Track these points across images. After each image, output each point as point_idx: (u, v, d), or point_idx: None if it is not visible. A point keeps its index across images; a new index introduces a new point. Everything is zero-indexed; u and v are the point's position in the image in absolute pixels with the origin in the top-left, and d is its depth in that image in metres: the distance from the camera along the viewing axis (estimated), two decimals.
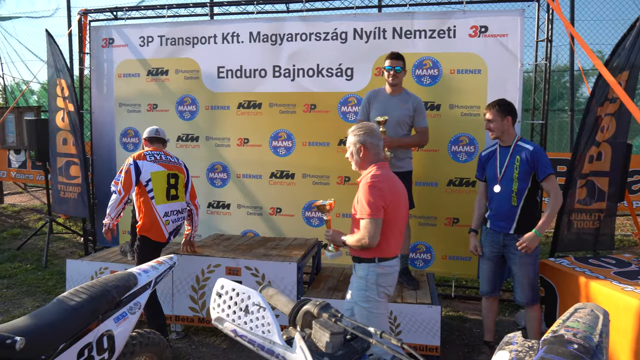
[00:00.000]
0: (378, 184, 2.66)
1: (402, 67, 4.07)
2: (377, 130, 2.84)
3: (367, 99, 4.24)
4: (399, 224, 2.77)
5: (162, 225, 3.83)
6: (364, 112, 4.24)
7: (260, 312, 1.09)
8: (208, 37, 5.33)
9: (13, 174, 8.98)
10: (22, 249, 6.74)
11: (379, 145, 2.82)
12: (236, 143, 5.36)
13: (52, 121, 5.59)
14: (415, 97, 4.18)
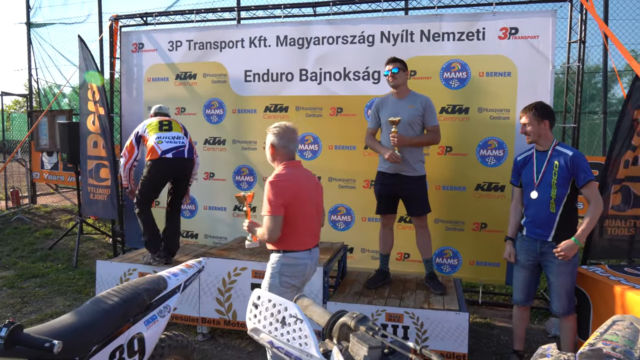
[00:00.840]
0: (278, 183, 2.86)
1: (400, 68, 4.03)
2: (290, 133, 3.00)
3: (375, 106, 4.23)
4: (307, 219, 2.96)
5: (155, 145, 4.42)
6: (374, 120, 4.22)
7: (297, 324, 1.08)
8: (235, 41, 5.37)
9: (46, 175, 9.22)
10: (54, 248, 6.91)
11: (289, 146, 2.98)
12: (262, 146, 5.28)
13: (83, 124, 5.72)
14: (423, 96, 4.12)
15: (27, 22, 9.06)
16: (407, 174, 4.02)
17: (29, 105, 9.54)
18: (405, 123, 3.97)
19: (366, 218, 5.18)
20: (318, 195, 3.09)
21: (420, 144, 4.07)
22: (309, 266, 3.04)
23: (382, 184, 4.14)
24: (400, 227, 5.05)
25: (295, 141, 3.02)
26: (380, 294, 4.06)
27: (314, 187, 3.06)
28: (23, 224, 8.19)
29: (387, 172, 4.08)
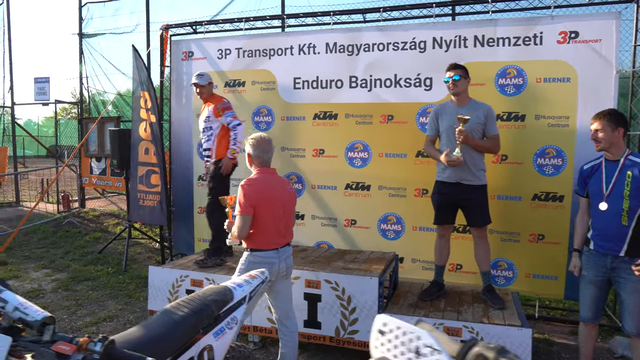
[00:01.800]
0: (245, 187, 3.16)
1: (462, 75, 3.94)
2: (264, 144, 3.28)
3: (434, 113, 4.12)
4: (273, 220, 3.21)
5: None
6: (433, 127, 4.12)
7: (434, 355, 1.02)
8: (284, 49, 5.38)
9: (94, 180, 9.48)
10: (103, 252, 7.07)
11: (262, 156, 3.27)
12: (311, 154, 5.36)
13: (135, 131, 5.84)
14: (485, 105, 4.02)
15: (80, 32, 9.37)
16: (469, 183, 3.91)
17: (79, 113, 9.84)
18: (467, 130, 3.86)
19: (417, 227, 5.07)
20: (287, 200, 3.34)
21: (482, 147, 3.95)
22: (276, 265, 3.23)
23: (441, 194, 4.03)
24: (453, 238, 4.89)
25: (268, 151, 3.30)
26: (436, 307, 3.95)
27: (283, 192, 3.30)
28: (74, 228, 8.43)
29: (447, 181, 3.98)
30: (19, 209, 10.22)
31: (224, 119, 4.74)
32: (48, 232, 8.13)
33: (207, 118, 4.80)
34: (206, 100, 4.88)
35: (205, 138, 4.82)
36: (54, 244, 7.60)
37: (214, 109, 4.77)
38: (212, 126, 4.79)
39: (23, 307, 1.58)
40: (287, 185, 3.38)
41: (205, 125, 4.83)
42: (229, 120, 4.74)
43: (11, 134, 10.46)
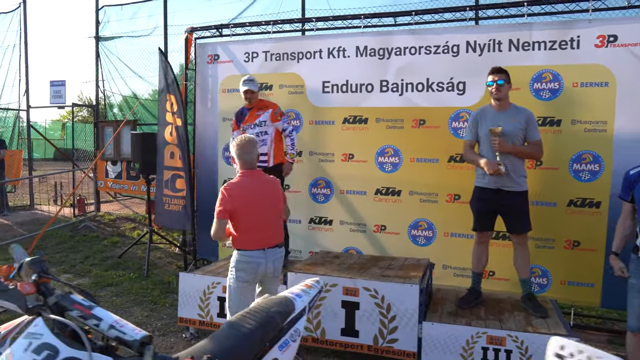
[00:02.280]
0: (224, 191, 3.24)
1: (505, 80, 3.89)
2: (244, 146, 3.30)
3: (474, 118, 4.06)
4: (258, 222, 3.28)
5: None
6: (472, 131, 4.06)
7: None
8: (313, 52, 5.32)
9: (110, 184, 9.43)
10: (123, 257, 7.00)
11: (243, 157, 3.31)
12: (340, 158, 5.29)
13: (161, 135, 5.78)
14: (525, 110, 3.97)
15: (96, 35, 9.33)
16: (510, 189, 3.84)
17: (95, 116, 9.79)
18: (507, 136, 3.80)
19: (448, 233, 5.00)
20: (273, 200, 3.39)
21: (522, 153, 3.89)
22: (262, 265, 3.32)
23: (481, 200, 3.96)
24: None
25: (249, 153, 3.31)
26: (477, 315, 3.88)
27: (268, 193, 3.36)
28: (91, 232, 8.37)
29: (487, 187, 3.91)
30: (34, 212, 10.18)
31: (281, 124, 4.80)
32: (65, 237, 8.07)
33: (263, 122, 4.78)
34: (257, 105, 4.85)
35: (260, 143, 4.75)
36: (73, 248, 7.53)
37: (272, 113, 4.78)
38: (268, 131, 4.80)
39: (119, 325, 1.51)
40: (273, 186, 3.41)
41: (259, 129, 4.80)
42: (286, 126, 4.83)
43: (26, 137, 10.41)
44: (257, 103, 4.86)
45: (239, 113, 4.98)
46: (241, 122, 4.90)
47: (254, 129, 4.82)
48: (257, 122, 4.81)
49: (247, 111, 4.88)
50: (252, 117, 4.83)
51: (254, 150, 3.34)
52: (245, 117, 4.87)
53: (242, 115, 4.91)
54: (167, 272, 6.36)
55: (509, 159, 3.82)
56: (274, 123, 4.81)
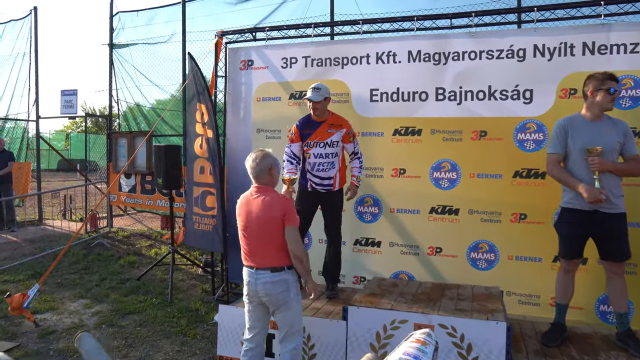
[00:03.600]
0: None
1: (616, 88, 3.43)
2: (249, 160, 3.21)
3: (562, 128, 3.56)
4: (247, 239, 3.17)
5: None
6: (560, 144, 3.55)
7: None
8: (360, 57, 4.86)
9: (123, 198, 8.93)
10: (142, 279, 6.49)
11: (250, 171, 3.22)
12: (390, 174, 4.81)
13: (190, 148, 5.30)
14: (621, 121, 3.52)
15: (110, 43, 8.89)
16: (607, 211, 3.35)
17: (108, 126, 9.32)
18: (604, 152, 3.33)
19: (513, 256, 4.51)
20: (271, 222, 3.10)
21: (622, 171, 3.43)
22: (252, 285, 3.15)
23: (573, 223, 3.47)
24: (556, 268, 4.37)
25: (253, 167, 3.19)
26: (568, 355, 3.37)
27: (266, 213, 3.10)
28: (105, 250, 7.85)
29: (581, 208, 3.41)
30: (43, 228, 9.66)
31: (352, 147, 4.29)
32: (78, 256, 7.55)
33: (335, 143, 4.20)
34: (329, 120, 4.23)
35: (327, 165, 4.22)
36: (87, 269, 7.01)
37: (345, 134, 4.21)
38: (339, 152, 4.26)
39: None
40: (275, 207, 3.09)
41: (331, 150, 4.21)
42: (358, 149, 4.33)
43: (34, 148, 9.93)
44: (329, 117, 4.24)
45: (304, 122, 4.30)
46: (308, 136, 4.25)
47: (324, 149, 4.21)
48: (328, 141, 4.20)
49: (317, 125, 4.24)
50: (324, 134, 4.21)
51: (257, 165, 3.19)
52: (314, 132, 4.23)
53: (310, 128, 4.23)
54: (193, 297, 5.84)
55: (606, 178, 3.35)
56: (345, 144, 4.26)
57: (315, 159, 4.23)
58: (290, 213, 3.09)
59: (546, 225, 4.40)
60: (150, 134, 6.90)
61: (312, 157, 4.25)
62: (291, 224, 3.07)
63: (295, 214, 3.12)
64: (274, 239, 3.10)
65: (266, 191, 3.17)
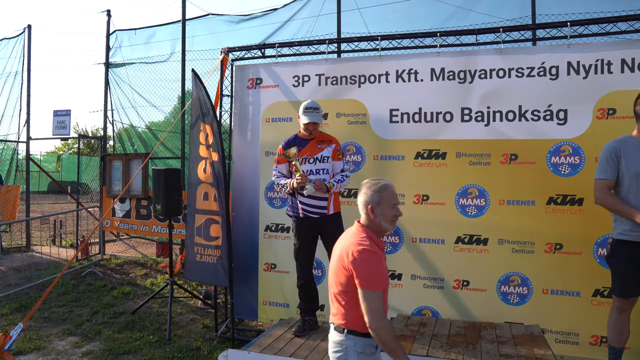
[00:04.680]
0: None
1: None
2: (362, 187, 2.42)
3: (613, 151, 3.23)
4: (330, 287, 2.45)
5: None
6: (611, 169, 3.22)
7: None
8: (378, 75, 4.54)
9: (116, 223, 8.45)
10: (138, 312, 6.01)
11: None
12: (412, 200, 4.44)
13: (193, 172, 4.90)
14: None
15: (106, 62, 8.55)
16: None
17: (102, 149, 8.91)
18: None
19: (548, 290, 4.13)
20: (338, 271, 2.35)
21: None
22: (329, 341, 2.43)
23: (631, 258, 3.11)
24: (596, 303, 4.00)
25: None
26: None
27: (339, 255, 2.36)
28: (97, 280, 7.35)
29: (637, 240, 3.06)
30: (30, 255, 9.13)
31: (341, 165, 4.00)
32: (68, 286, 7.04)
33: (325, 158, 3.93)
34: (319, 137, 4.04)
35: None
36: (77, 300, 6.51)
37: (334, 150, 3.97)
38: (329, 169, 3.96)
39: None
40: (348, 252, 2.29)
41: (320, 166, 3.94)
42: (346, 169, 4.02)
43: (23, 170, 9.46)
44: (318, 134, 4.05)
45: (290, 141, 4.09)
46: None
47: (314, 164, 3.95)
48: (318, 157, 3.96)
49: (306, 142, 4.01)
50: (313, 150, 3.97)
51: (364, 197, 2.44)
52: (303, 148, 4.00)
53: (297, 145, 4.01)
54: (193, 334, 5.37)
55: None
56: (334, 161, 3.98)
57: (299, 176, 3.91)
58: (366, 274, 2.24)
59: (584, 256, 4.05)
60: (149, 158, 6.49)
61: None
62: (365, 288, 2.23)
63: (373, 276, 2.25)
64: (344, 293, 2.35)
65: (355, 231, 2.42)
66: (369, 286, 2.21)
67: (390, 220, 2.33)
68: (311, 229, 4.01)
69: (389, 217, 2.32)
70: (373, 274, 2.23)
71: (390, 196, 2.35)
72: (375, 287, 2.21)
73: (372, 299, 2.19)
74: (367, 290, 2.20)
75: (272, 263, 4.90)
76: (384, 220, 2.32)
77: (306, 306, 4.11)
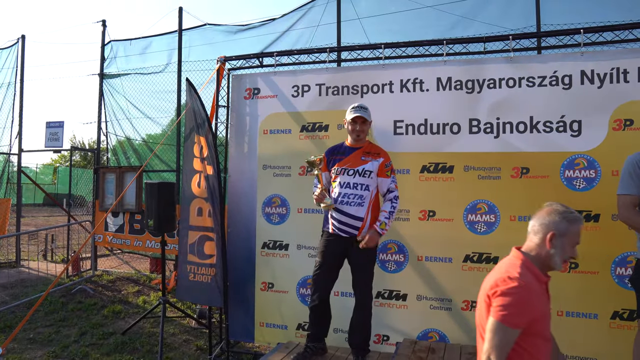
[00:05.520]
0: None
1: None
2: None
3: (637, 164, 3.01)
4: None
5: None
6: (635, 184, 3.00)
7: None
8: (381, 85, 4.33)
9: (109, 238, 8.19)
10: (129, 333, 5.73)
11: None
12: (418, 216, 4.20)
13: (187, 187, 4.66)
14: None
15: (101, 72, 8.36)
16: None
17: (96, 161, 8.68)
18: None
19: (563, 312, 3.90)
20: (482, 296, 2.07)
21: None
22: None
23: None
24: (615, 326, 3.76)
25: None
26: None
27: (485, 281, 2.10)
28: (87, 297, 7.07)
29: None
30: (19, 271, 8.84)
31: (389, 183, 3.63)
32: (57, 304, 6.75)
33: (368, 173, 3.58)
34: (365, 147, 3.71)
35: (354, 198, 3.57)
36: (65, 320, 6.22)
37: (381, 164, 3.61)
38: (371, 186, 3.60)
39: None
40: (495, 276, 2.05)
41: (360, 180, 3.58)
42: (393, 188, 3.63)
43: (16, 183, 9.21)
44: (367, 145, 3.72)
45: (334, 148, 3.78)
46: (337, 162, 3.68)
47: (353, 177, 3.59)
48: (359, 169, 3.60)
49: (350, 151, 3.69)
50: (356, 161, 3.62)
51: (535, 221, 2.21)
52: (346, 157, 3.66)
53: (340, 154, 3.70)
54: (186, 356, 5.09)
55: None
56: (379, 178, 3.63)
57: (341, 188, 3.60)
58: (506, 305, 1.92)
59: (602, 275, 3.82)
60: (141, 170, 6.25)
61: (338, 187, 3.63)
62: (496, 317, 1.93)
63: (514, 309, 1.91)
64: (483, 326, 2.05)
65: (510, 261, 2.13)
66: (501, 317, 1.89)
67: (564, 259, 2.04)
68: (338, 249, 3.63)
69: (566, 254, 2.03)
70: (514, 306, 1.90)
71: (578, 233, 2.06)
72: (512, 323, 1.89)
73: (503, 333, 1.88)
74: (497, 321, 1.89)
75: (269, 282, 4.64)
76: (559, 255, 2.02)
77: (314, 331, 3.76)
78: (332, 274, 3.66)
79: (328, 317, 3.79)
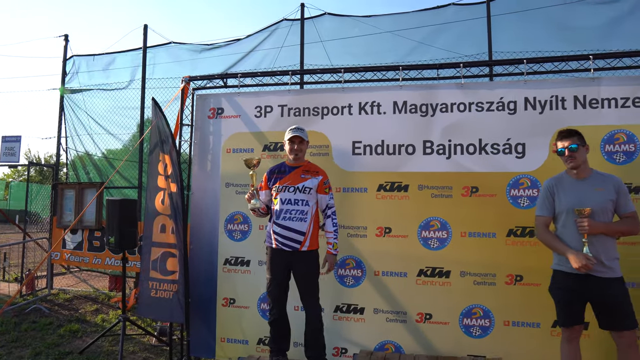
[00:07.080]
0: None
1: (579, 143, 3.28)
2: None
3: (548, 189, 3.39)
4: None
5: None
6: (548, 206, 3.37)
7: None
8: (341, 107, 4.54)
9: (67, 255, 8.03)
10: (86, 352, 5.63)
11: None
12: (375, 233, 4.39)
13: (150, 203, 4.71)
14: (612, 176, 3.34)
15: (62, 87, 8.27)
16: (602, 275, 3.12)
17: (54, 177, 8.52)
18: (594, 212, 3.11)
19: (509, 322, 4.13)
20: None
21: (616, 231, 3.23)
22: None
23: (565, 289, 3.23)
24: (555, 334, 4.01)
25: None
26: None
27: None
28: (42, 317, 6.89)
29: (571, 272, 3.16)
30: None
31: (327, 199, 3.87)
32: (9, 325, 6.55)
33: (307, 189, 3.80)
34: (305, 166, 3.93)
35: (296, 214, 3.77)
36: (18, 341, 6.05)
37: (320, 182, 3.84)
38: (310, 202, 3.81)
39: None
40: None
41: (301, 197, 3.79)
42: (332, 204, 3.89)
43: None
44: (305, 164, 3.94)
45: (275, 167, 3.99)
46: (278, 180, 3.87)
47: (294, 194, 3.79)
48: (299, 186, 3.80)
49: (290, 170, 3.90)
50: (296, 178, 3.83)
51: None
52: (286, 176, 3.86)
53: (281, 173, 3.91)
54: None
55: (599, 240, 3.12)
56: (319, 194, 3.86)
57: (283, 205, 3.80)
58: None
59: (543, 287, 4.04)
60: (103, 187, 6.22)
61: (279, 204, 3.83)
62: None
63: None
64: None
65: None
66: None
67: None
68: (283, 263, 3.80)
69: None
70: None
71: None
72: None
73: None
74: None
75: (231, 298, 4.71)
76: None
77: (276, 346, 3.91)
78: (283, 287, 3.86)
79: (288, 331, 3.93)
